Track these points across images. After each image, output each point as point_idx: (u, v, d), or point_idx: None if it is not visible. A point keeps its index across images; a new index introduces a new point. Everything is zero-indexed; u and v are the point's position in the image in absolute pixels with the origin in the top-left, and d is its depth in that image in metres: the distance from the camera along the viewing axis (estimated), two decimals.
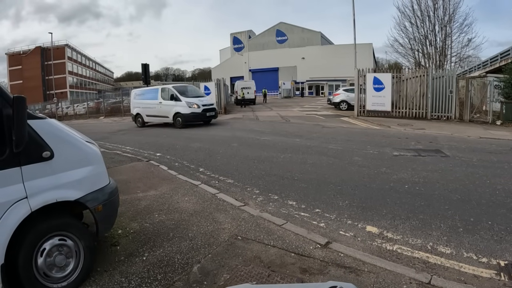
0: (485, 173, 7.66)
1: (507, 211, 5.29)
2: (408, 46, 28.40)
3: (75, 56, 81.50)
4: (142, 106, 20.15)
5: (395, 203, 5.67)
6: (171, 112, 18.32)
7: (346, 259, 3.79)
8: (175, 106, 18.15)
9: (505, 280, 3.46)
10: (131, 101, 21.64)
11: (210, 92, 26.53)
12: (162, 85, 24.50)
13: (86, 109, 34.72)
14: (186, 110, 17.85)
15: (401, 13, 27.90)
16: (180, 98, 18.10)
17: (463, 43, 26.34)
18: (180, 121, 17.95)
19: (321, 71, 61.74)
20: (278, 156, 9.58)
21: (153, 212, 5.31)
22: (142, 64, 28.14)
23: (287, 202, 5.81)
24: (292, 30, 74.65)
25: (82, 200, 3.34)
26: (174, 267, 3.64)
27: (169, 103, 18.42)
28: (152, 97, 19.48)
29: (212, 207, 5.50)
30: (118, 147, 11.97)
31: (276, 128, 16.97)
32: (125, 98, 32.07)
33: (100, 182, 3.61)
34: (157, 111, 19.18)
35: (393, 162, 8.73)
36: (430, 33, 27.20)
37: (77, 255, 3.28)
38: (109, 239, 4.26)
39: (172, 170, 8.11)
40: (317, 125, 17.49)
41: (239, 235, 4.40)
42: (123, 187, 6.27)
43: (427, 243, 4.26)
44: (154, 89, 20.32)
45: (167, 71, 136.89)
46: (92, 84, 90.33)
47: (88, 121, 29.21)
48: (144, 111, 20.02)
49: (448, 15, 26.19)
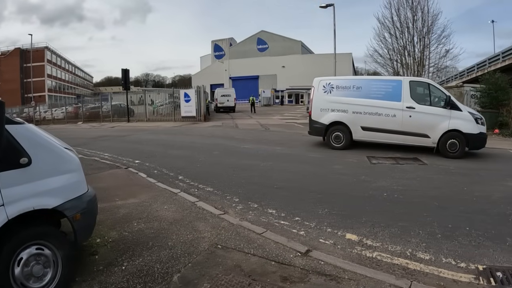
0: (462, 180, 7.91)
1: (485, 217, 5.47)
2: (387, 56, 28.85)
3: (54, 59, 79.84)
4: (353, 109, 12.08)
5: (374, 211, 5.77)
6: (437, 128, 10.91)
7: (327, 267, 3.81)
8: (450, 119, 10.86)
9: (484, 284, 3.56)
10: (314, 98, 12.87)
11: (190, 99, 26.42)
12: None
13: (64, 113, 34.02)
14: (472, 128, 10.70)
15: (381, 24, 28.33)
16: (459, 106, 11.14)
17: (440, 53, 26.89)
18: (459, 147, 10.65)
19: (301, 79, 62.08)
20: (258, 164, 9.62)
21: (132, 220, 5.24)
22: (122, 69, 28.05)
23: (267, 210, 5.82)
24: (273, 39, 75.12)
25: (60, 208, 3.26)
26: (154, 276, 3.59)
27: (432, 110, 11.10)
28: (384, 96, 11.74)
29: (192, 215, 5.47)
30: (96, 153, 11.78)
31: (256, 136, 17.03)
32: (104, 104, 31.62)
33: (79, 189, 3.54)
34: (396, 123, 11.42)
35: (372, 170, 8.90)
36: (408, 44, 27.72)
37: (55, 265, 3.19)
38: (87, 248, 4.17)
39: (151, 177, 8.03)
40: (296, 133, 17.64)
41: (219, 244, 4.38)
42: (102, 194, 6.14)
43: (406, 250, 4.34)
44: (386, 81, 12.85)
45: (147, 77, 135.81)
46: (71, 88, 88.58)
47: (66, 126, 28.66)
48: (356, 119, 12.03)
49: (427, 27, 26.77)
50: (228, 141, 15.01)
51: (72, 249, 3.41)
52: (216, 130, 20.16)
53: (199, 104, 26.79)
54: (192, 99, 26.45)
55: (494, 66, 29.59)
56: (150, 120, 28.65)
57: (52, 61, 78.72)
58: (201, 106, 27.04)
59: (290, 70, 66.60)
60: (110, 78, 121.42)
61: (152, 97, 31.37)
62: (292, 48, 71.84)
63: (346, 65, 58.38)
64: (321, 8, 27.99)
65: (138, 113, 30.54)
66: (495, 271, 3.77)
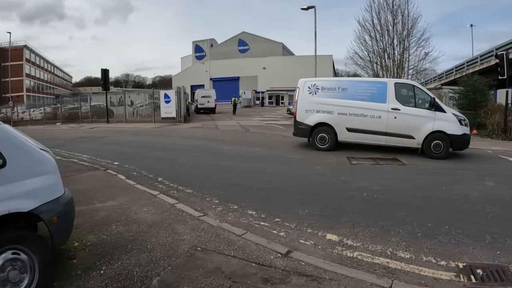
0: (441, 180, 8.09)
1: (464, 216, 5.61)
2: (367, 58, 29.23)
3: (33, 58, 78.18)
4: (338, 111, 12.13)
5: (354, 211, 5.83)
6: (422, 129, 11.10)
7: (308, 268, 3.83)
8: (434, 120, 11.05)
9: (464, 281, 3.64)
10: (299, 99, 12.90)
11: (170, 100, 26.25)
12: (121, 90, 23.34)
13: (43, 114, 33.33)
14: (456, 129, 10.96)
15: (361, 26, 28.67)
16: (443, 107, 11.35)
17: (420, 56, 27.42)
18: (443, 148, 10.89)
19: (281, 81, 62.46)
20: (238, 165, 9.63)
21: (111, 223, 5.18)
22: (102, 69, 27.69)
23: (247, 211, 5.82)
24: (254, 40, 75.24)
25: (36, 211, 3.18)
26: (133, 280, 3.55)
27: (417, 112, 11.29)
28: (369, 97, 11.82)
29: (171, 217, 5.44)
30: (75, 155, 11.60)
31: (236, 137, 17.04)
32: (83, 104, 31.13)
33: (55, 192, 3.45)
34: (381, 125, 11.55)
35: (352, 171, 9.02)
36: (388, 46, 28.13)
37: (31, 270, 3.12)
38: (65, 252, 4.10)
39: (130, 179, 7.94)
40: (277, 135, 17.71)
41: (198, 246, 4.37)
42: (80, 197, 6.07)
43: (387, 249, 4.39)
44: (372, 83, 12.67)
45: (128, 78, 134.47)
46: (50, 89, 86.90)
47: (44, 127, 28.10)
48: (341, 121, 12.07)
49: (407, 30, 27.23)
50: (208, 142, 14.98)
51: (49, 254, 3.34)
52: (196, 132, 20.10)
53: (179, 105, 26.66)
54: (172, 100, 26.30)
55: (472, 68, 30.35)
56: (129, 121, 28.34)
57: (31, 60, 77.07)
58: (181, 107, 26.91)
59: (271, 71, 66.87)
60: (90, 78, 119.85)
61: (132, 98, 31.06)
62: (273, 50, 72.07)
63: (327, 67, 58.93)
64: (302, 10, 28.15)
65: (117, 114, 30.17)
66: (476, 268, 3.85)
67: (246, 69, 69.55)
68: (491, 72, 23.69)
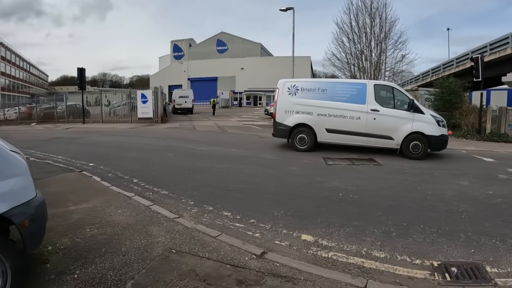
0: (416, 179, 8.29)
1: (438, 215, 5.76)
2: (345, 60, 29.63)
3: (9, 56, 76.24)
4: (318, 112, 12.25)
5: (329, 211, 5.91)
6: (400, 130, 11.38)
7: (282, 269, 3.86)
8: (413, 121, 11.32)
9: (439, 279, 3.74)
10: (279, 99, 12.96)
11: (147, 100, 26.05)
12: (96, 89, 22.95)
13: (17, 114, 32.44)
14: (434, 130, 11.27)
15: (339, 28, 29.03)
16: (422, 109, 11.66)
17: (397, 58, 28.04)
18: (421, 149, 11.18)
19: (259, 81, 62.51)
20: (214, 166, 9.65)
21: (85, 226, 5.13)
22: (78, 68, 27.25)
23: (222, 213, 5.85)
24: (233, 40, 75.02)
25: (7, 215, 3.11)
26: (107, 284, 3.53)
27: (396, 113, 11.55)
28: (349, 99, 11.98)
29: (146, 219, 5.42)
30: (49, 156, 11.39)
31: (213, 138, 17.06)
32: (59, 104, 30.52)
33: (26, 195, 3.38)
34: (360, 126, 11.75)
35: (328, 171, 9.16)
36: (366, 48, 28.57)
37: (3, 275, 3.08)
38: (38, 256, 4.05)
39: (105, 181, 7.86)
40: (254, 135, 17.81)
41: (173, 248, 4.37)
42: (53, 199, 5.99)
43: (361, 249, 4.48)
44: (351, 84, 13.07)
45: (105, 77, 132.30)
46: (25, 88, 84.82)
47: (19, 127, 27.40)
48: (320, 121, 12.21)
49: (384, 33, 27.73)
50: (185, 143, 14.95)
51: (22, 258, 3.30)
52: (173, 132, 20.02)
53: (156, 105, 26.52)
54: (149, 100, 26.14)
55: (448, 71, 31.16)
56: (106, 121, 27.96)
57: (6, 58, 75.18)
58: (158, 107, 26.76)
59: (249, 72, 66.86)
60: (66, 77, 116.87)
61: (108, 98, 30.68)
62: (251, 50, 72.05)
63: (305, 68, 59.35)
64: (281, 11, 28.32)
65: (94, 114, 29.63)
66: (450, 267, 3.96)
67: (224, 70, 69.34)
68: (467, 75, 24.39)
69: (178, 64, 75.39)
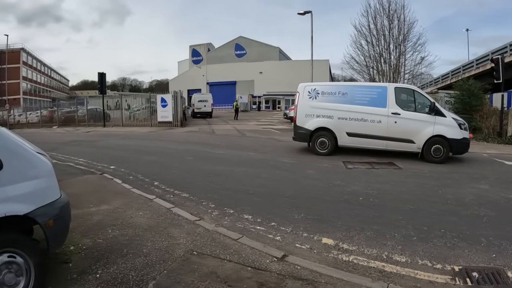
0: (436, 183, 8.13)
1: (458, 219, 5.64)
2: (364, 63, 29.36)
3: (30, 61, 77.74)
4: (339, 115, 12.13)
5: (349, 215, 5.85)
6: (422, 134, 11.16)
7: (303, 272, 3.82)
8: (434, 124, 11.10)
9: (460, 284, 3.66)
10: (299, 103, 12.93)
11: (167, 104, 26.27)
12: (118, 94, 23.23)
13: (39, 117, 33.19)
14: (456, 133, 11.03)
15: (358, 31, 28.81)
16: (443, 112, 11.44)
17: (416, 61, 27.62)
18: (443, 153, 10.93)
19: (278, 85, 62.50)
20: (233, 170, 9.66)
21: (106, 227, 5.17)
22: (99, 73, 27.66)
23: (242, 216, 5.83)
24: (251, 45, 75.35)
25: (32, 215, 3.17)
26: (129, 284, 3.54)
27: (417, 116, 11.32)
28: (369, 102, 11.87)
29: (167, 221, 5.43)
30: (71, 158, 11.58)
31: (232, 142, 17.09)
32: (79, 108, 31.08)
33: (51, 195, 3.44)
34: (381, 129, 11.56)
35: (347, 175, 9.06)
36: (384, 51, 28.28)
37: (27, 273, 3.12)
38: (60, 256, 4.09)
39: (126, 183, 7.93)
40: (272, 139, 17.79)
41: (194, 250, 4.36)
42: (75, 201, 6.03)
43: (382, 253, 4.41)
44: (372, 87, 12.98)
45: (124, 81, 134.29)
46: (46, 92, 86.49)
47: (41, 130, 27.98)
48: (341, 125, 12.08)
49: (403, 35, 27.40)
50: (204, 146, 15.01)
51: (45, 257, 3.35)
52: (192, 136, 20.11)
53: (176, 109, 26.68)
54: (169, 104, 26.34)
55: (468, 73, 30.53)
56: (126, 125, 28.30)
57: (28, 63, 76.66)
58: (178, 111, 26.93)
59: (268, 76, 66.91)
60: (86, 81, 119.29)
61: (128, 102, 31.11)
62: (269, 54, 72.14)
63: (323, 71, 59.08)
64: (299, 15, 28.28)
65: (114, 118, 30.11)
66: (471, 271, 3.87)
67: (243, 74, 69.55)
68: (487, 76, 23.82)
69: (196, 69, 75.91)
